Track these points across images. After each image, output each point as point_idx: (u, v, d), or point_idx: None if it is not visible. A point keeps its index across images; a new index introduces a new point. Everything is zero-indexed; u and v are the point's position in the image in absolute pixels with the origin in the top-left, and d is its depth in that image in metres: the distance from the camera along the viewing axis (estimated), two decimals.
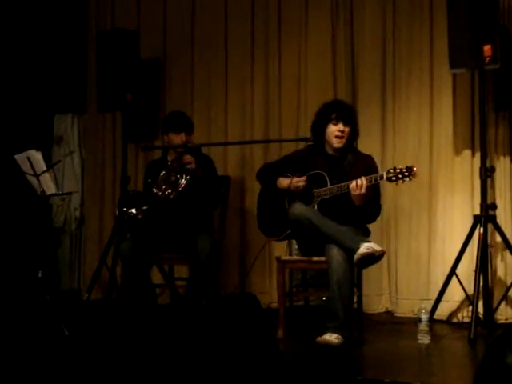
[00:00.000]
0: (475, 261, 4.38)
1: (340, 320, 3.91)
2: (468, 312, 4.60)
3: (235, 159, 5.54)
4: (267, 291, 5.32)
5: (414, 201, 5.07)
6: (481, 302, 4.44)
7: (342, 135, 4.23)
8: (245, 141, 5.48)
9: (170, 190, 4.54)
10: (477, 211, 4.55)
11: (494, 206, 4.63)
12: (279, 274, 4.31)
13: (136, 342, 3.91)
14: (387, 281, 5.16)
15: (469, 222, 4.62)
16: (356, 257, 3.90)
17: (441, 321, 4.70)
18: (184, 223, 4.67)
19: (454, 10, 4.52)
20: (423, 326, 4.09)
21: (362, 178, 3.99)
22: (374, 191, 4.14)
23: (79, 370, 3.46)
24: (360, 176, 4.02)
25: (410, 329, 4.39)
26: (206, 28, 5.65)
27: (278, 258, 4.36)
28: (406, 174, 3.94)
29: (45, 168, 4.68)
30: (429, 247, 5.01)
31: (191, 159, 4.57)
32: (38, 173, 4.63)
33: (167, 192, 4.54)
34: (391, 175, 3.96)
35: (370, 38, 5.23)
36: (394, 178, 3.96)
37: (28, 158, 4.66)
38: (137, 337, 4.06)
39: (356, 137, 4.37)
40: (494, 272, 4.72)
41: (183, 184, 4.54)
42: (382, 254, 3.97)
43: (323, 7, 5.34)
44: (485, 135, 4.53)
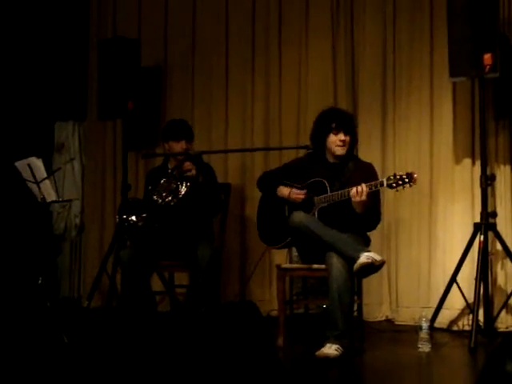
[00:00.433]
0: (476, 269, 4.38)
1: (340, 329, 3.90)
2: (468, 320, 4.60)
3: (235, 167, 5.54)
4: (267, 299, 5.32)
5: (414, 209, 5.07)
6: (481, 310, 4.44)
7: (343, 144, 4.24)
8: (245, 148, 5.49)
9: (170, 198, 4.55)
10: (477, 219, 4.55)
11: (494, 214, 4.64)
12: (279, 281, 4.31)
13: (136, 349, 3.91)
14: (387, 289, 5.15)
15: (469, 230, 4.61)
16: (356, 266, 3.90)
17: (441, 329, 4.70)
18: (184, 231, 4.67)
19: (454, 18, 4.53)
20: (424, 334, 4.08)
21: (362, 185, 3.98)
22: (374, 198, 4.14)
23: (79, 377, 3.46)
24: (360, 184, 4.02)
25: (411, 337, 4.38)
26: (207, 36, 5.67)
27: (278, 266, 4.36)
28: (407, 180, 3.93)
29: (45, 175, 4.69)
30: (429, 255, 5.01)
31: (191, 167, 4.57)
32: (39, 180, 4.64)
33: (167, 199, 4.55)
34: (391, 181, 3.96)
35: (370, 47, 5.24)
36: (395, 185, 3.95)
37: (29, 165, 4.67)
38: (137, 344, 4.05)
39: (355, 144, 4.37)
40: (495, 280, 4.71)
41: (183, 191, 4.55)
42: (381, 263, 3.96)
43: (324, 16, 5.36)
44: (485, 143, 4.53)
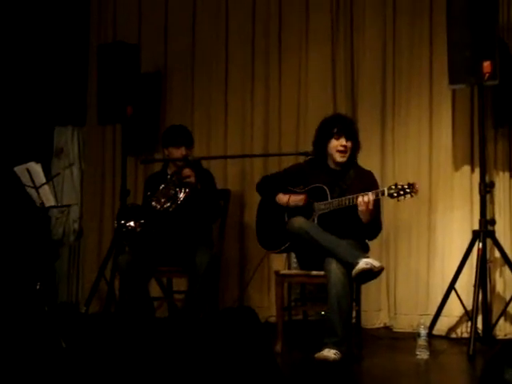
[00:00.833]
0: (474, 276, 4.38)
1: (338, 335, 3.89)
2: (467, 327, 4.59)
3: (235, 173, 5.54)
4: (266, 305, 5.31)
5: (413, 216, 5.07)
6: (480, 318, 4.44)
7: (344, 149, 4.24)
8: (244, 154, 5.49)
9: (168, 204, 4.55)
10: (476, 226, 4.55)
11: (493, 222, 4.64)
12: (278, 287, 4.30)
13: (134, 355, 3.90)
14: (386, 296, 5.14)
15: (468, 238, 4.61)
16: (354, 272, 3.89)
17: (440, 336, 4.69)
18: (183, 236, 4.67)
19: (453, 26, 4.54)
20: (422, 341, 4.07)
21: (369, 194, 3.99)
22: (374, 208, 4.14)
23: (76, 382, 3.45)
24: (359, 191, 4.02)
25: (409, 344, 4.37)
26: (207, 41, 5.67)
27: (276, 272, 4.35)
28: (408, 190, 3.95)
29: (44, 180, 4.69)
30: (428, 262, 5.00)
31: (190, 173, 4.57)
32: (38, 185, 4.64)
33: (166, 205, 4.54)
34: (392, 191, 3.97)
35: (369, 54, 5.25)
36: (396, 195, 3.97)
37: (28, 170, 4.67)
38: (135, 350, 4.05)
39: (357, 151, 4.37)
40: (493, 287, 4.71)
41: (182, 198, 4.55)
42: (380, 269, 3.96)
43: (323, 22, 5.36)
44: (484, 151, 4.54)
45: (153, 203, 4.56)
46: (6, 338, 4.28)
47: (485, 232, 4.45)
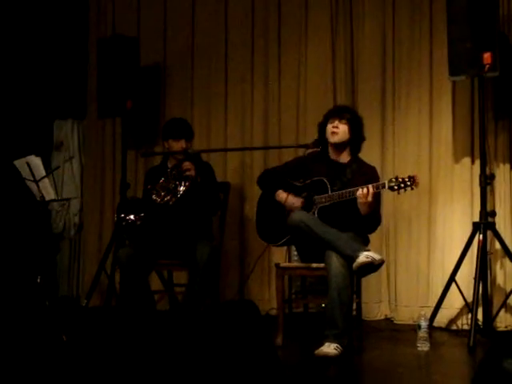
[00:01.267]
0: (475, 268, 4.38)
1: (339, 328, 3.89)
2: (467, 319, 4.60)
3: (235, 165, 5.54)
4: (266, 298, 5.32)
5: (413, 208, 5.07)
6: (480, 310, 4.44)
7: (336, 131, 4.22)
8: (244, 147, 5.48)
9: (168, 197, 4.55)
10: (476, 218, 4.55)
11: (493, 214, 4.64)
12: (278, 280, 4.31)
13: (135, 348, 3.91)
14: (387, 288, 5.15)
15: (468, 230, 4.61)
16: (355, 265, 3.90)
17: (440, 328, 4.70)
18: (183, 229, 4.67)
19: (453, 17, 4.53)
20: (422, 333, 4.08)
21: (369, 186, 3.98)
22: (376, 201, 4.13)
23: (77, 376, 3.46)
24: (360, 185, 4.02)
25: (410, 336, 4.38)
26: (206, 35, 5.66)
27: (277, 265, 4.35)
28: (409, 183, 3.94)
29: (44, 174, 4.69)
30: (428, 254, 5.01)
31: (190, 166, 4.57)
32: (38, 178, 4.64)
33: (166, 199, 4.54)
34: (393, 184, 3.97)
35: (369, 47, 5.24)
36: (396, 187, 3.96)
37: (27, 164, 4.67)
38: (135, 343, 4.05)
39: (360, 142, 4.33)
40: (494, 279, 4.71)
41: (182, 191, 4.54)
42: (381, 262, 3.96)
43: (323, 16, 5.35)
44: (484, 143, 4.53)
45: (153, 196, 4.56)
46: (6, 331, 4.29)
47: (485, 224, 4.45)
